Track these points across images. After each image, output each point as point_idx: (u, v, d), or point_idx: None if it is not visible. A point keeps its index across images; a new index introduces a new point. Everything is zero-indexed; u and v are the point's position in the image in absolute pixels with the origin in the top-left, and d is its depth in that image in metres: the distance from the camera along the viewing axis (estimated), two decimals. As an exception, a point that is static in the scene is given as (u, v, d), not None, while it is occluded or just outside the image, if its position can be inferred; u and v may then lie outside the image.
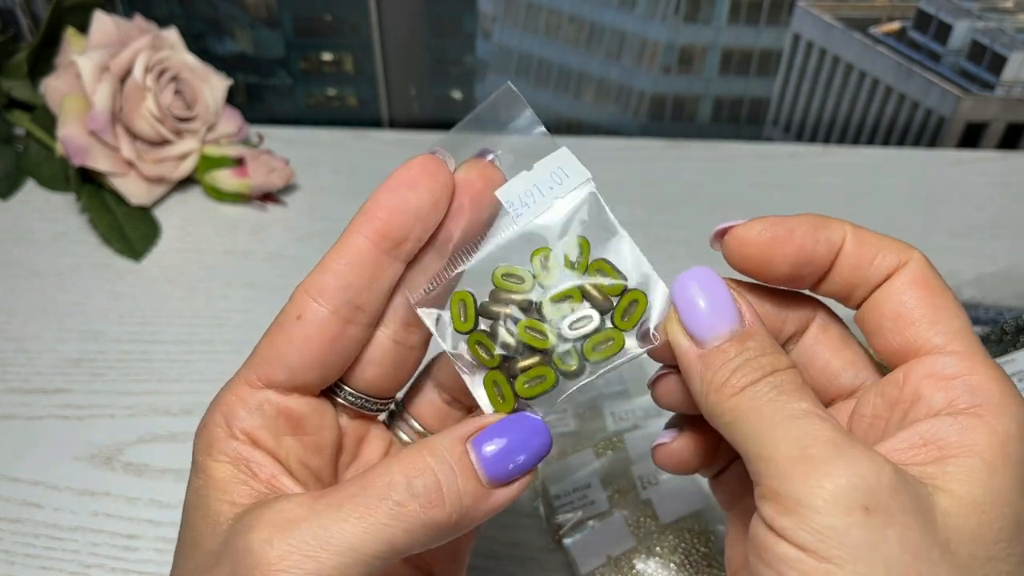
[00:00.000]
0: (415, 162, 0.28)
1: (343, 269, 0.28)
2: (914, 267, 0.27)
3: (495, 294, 0.28)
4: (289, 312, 0.28)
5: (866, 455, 0.23)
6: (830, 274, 0.28)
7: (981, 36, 0.69)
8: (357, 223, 0.28)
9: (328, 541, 0.25)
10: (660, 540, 0.44)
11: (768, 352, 0.26)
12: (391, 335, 0.30)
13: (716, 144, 0.72)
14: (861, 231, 0.28)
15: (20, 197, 0.66)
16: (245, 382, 0.29)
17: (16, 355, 0.55)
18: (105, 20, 0.63)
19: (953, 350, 0.26)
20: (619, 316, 0.28)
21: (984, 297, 0.55)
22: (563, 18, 0.71)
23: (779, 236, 0.28)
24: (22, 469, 0.49)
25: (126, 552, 0.46)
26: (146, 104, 0.62)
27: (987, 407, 0.25)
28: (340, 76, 0.75)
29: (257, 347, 0.29)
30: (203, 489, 0.28)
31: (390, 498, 0.25)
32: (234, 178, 0.64)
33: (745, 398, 0.25)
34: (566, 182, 0.29)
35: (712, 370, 0.26)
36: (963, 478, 0.24)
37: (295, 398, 0.29)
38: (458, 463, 0.27)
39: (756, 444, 0.24)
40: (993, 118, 0.73)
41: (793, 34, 0.71)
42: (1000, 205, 0.66)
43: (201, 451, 0.28)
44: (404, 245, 0.28)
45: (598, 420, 0.49)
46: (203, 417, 0.29)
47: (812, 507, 0.22)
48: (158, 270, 0.61)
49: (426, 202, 0.28)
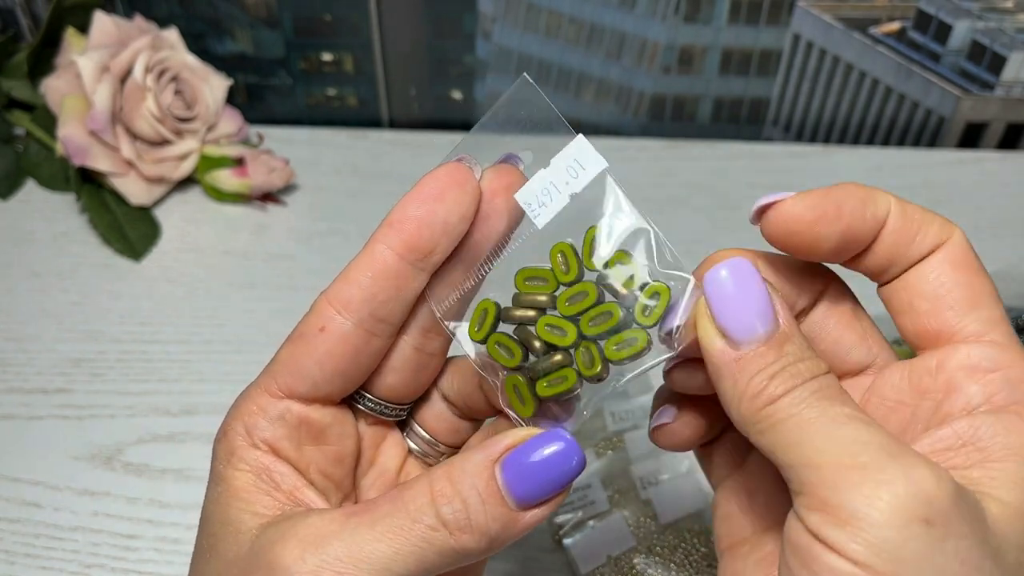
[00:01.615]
0: (443, 172, 0.27)
1: (368, 282, 0.27)
2: (955, 246, 0.26)
3: (518, 298, 0.28)
4: (311, 323, 0.28)
5: (922, 462, 0.22)
6: (871, 249, 0.27)
7: (981, 36, 0.69)
8: (383, 234, 0.27)
9: (361, 559, 0.25)
10: (660, 540, 0.44)
11: (806, 357, 0.24)
12: (412, 343, 0.29)
13: (716, 144, 0.72)
14: (905, 205, 0.26)
15: (20, 197, 0.66)
16: (266, 391, 0.28)
17: (16, 355, 0.55)
18: (105, 20, 0.63)
19: (992, 340, 0.25)
20: (640, 311, 0.26)
21: (984, 297, 0.55)
22: (563, 18, 0.71)
23: (828, 213, 0.26)
24: (22, 469, 0.49)
25: (126, 552, 0.46)
26: (146, 104, 0.62)
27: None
28: (340, 76, 0.75)
29: (277, 356, 0.28)
30: (223, 498, 0.27)
31: (423, 521, 0.25)
32: (234, 178, 0.64)
33: (783, 406, 0.23)
34: (582, 175, 0.27)
35: (748, 376, 0.24)
36: (1009, 484, 0.23)
37: (317, 408, 0.29)
38: (485, 490, 0.26)
39: (798, 453, 0.23)
40: (993, 118, 0.73)
41: (793, 34, 0.71)
42: (1000, 205, 0.66)
43: (221, 460, 0.28)
44: (431, 257, 0.27)
45: (598, 420, 0.49)
46: (221, 426, 0.29)
47: (868, 520, 0.21)
48: (158, 270, 0.61)
49: (454, 214, 0.27)
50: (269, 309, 0.58)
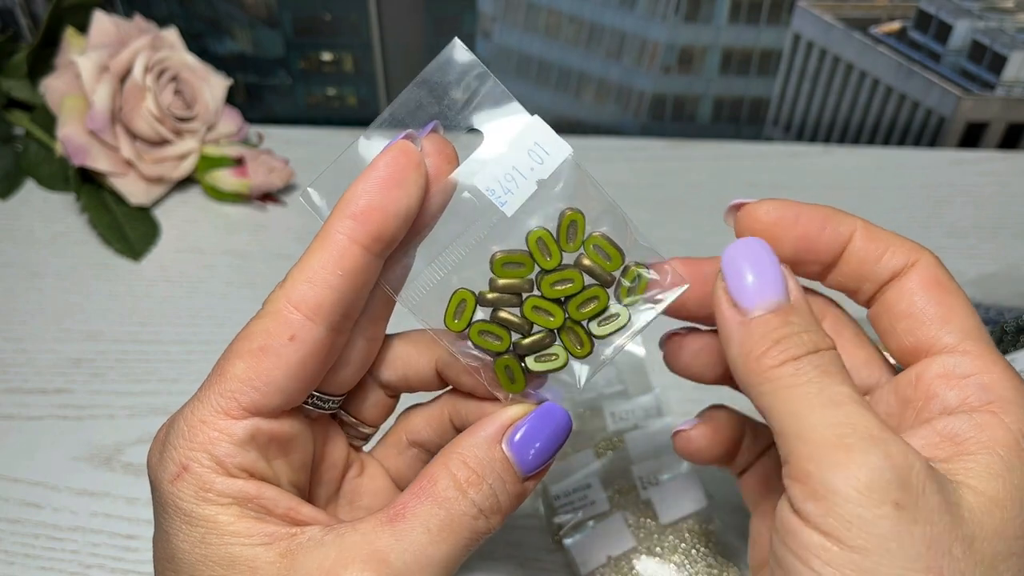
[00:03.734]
0: (401, 155, 0.26)
1: (339, 282, 0.26)
2: (925, 267, 0.28)
3: (495, 283, 0.28)
4: (275, 332, 0.26)
5: (901, 449, 0.23)
6: (837, 266, 0.29)
7: (981, 36, 0.69)
8: (346, 227, 0.26)
9: (427, 565, 0.25)
10: (660, 540, 0.44)
11: (811, 329, 0.25)
12: (364, 334, 0.29)
13: (716, 144, 0.72)
14: (873, 228, 0.28)
15: (20, 197, 0.66)
16: (223, 412, 0.26)
17: (16, 355, 0.55)
18: (105, 20, 0.63)
19: (965, 349, 0.26)
20: (624, 293, 0.28)
21: (984, 297, 0.55)
22: (563, 18, 0.71)
23: (785, 218, 0.28)
24: (22, 469, 0.49)
25: (126, 552, 0.46)
26: (146, 104, 0.62)
27: (1000, 404, 0.25)
28: (340, 76, 0.75)
29: (230, 371, 0.26)
30: (211, 538, 0.25)
31: (467, 513, 0.26)
32: (234, 178, 0.64)
33: (786, 373, 0.25)
34: (547, 160, 0.27)
35: (753, 338, 0.25)
36: (984, 475, 0.24)
37: (283, 420, 0.27)
38: (502, 468, 0.27)
39: (793, 423, 0.24)
40: (993, 118, 0.73)
41: (793, 34, 0.71)
42: (1000, 205, 0.66)
43: (189, 499, 0.26)
44: (392, 245, 0.27)
45: (598, 420, 0.49)
46: (166, 461, 0.26)
47: (843, 495, 0.22)
48: (158, 270, 0.61)
49: (415, 199, 0.26)
50: (269, 309, 0.58)
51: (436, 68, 0.27)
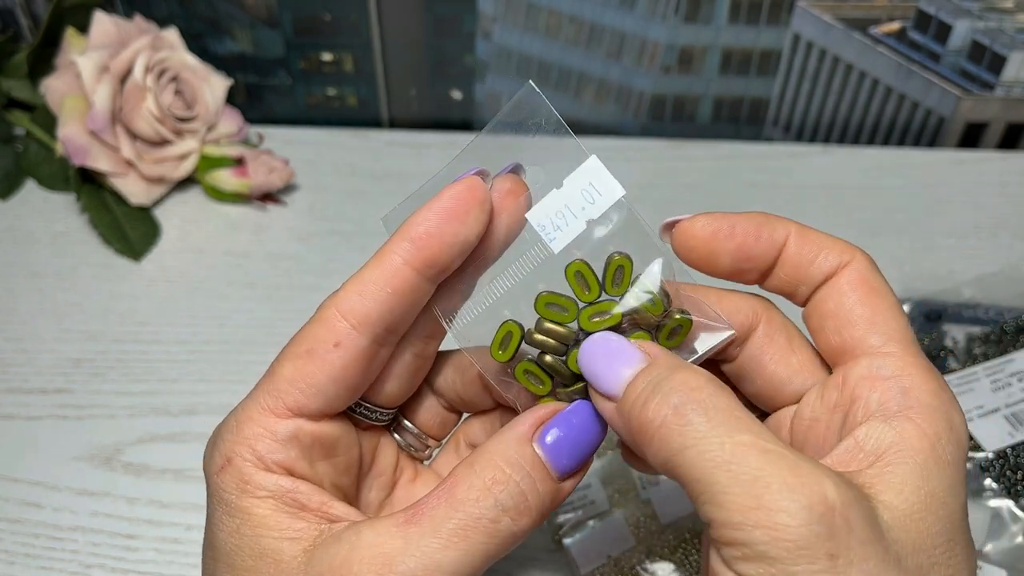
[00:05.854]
0: (464, 188, 0.27)
1: (386, 296, 0.27)
2: (856, 268, 0.28)
3: (541, 325, 0.28)
4: (322, 338, 0.27)
5: (818, 489, 0.22)
6: (774, 271, 0.28)
7: (981, 36, 0.69)
8: (403, 248, 0.27)
9: (435, 570, 0.25)
10: (660, 540, 0.44)
11: (679, 368, 0.25)
12: (413, 350, 0.30)
13: (716, 144, 0.72)
14: (806, 230, 0.28)
15: (20, 197, 0.66)
16: (269, 411, 0.27)
17: (16, 355, 0.55)
18: (105, 20, 0.63)
19: (889, 351, 0.26)
20: (664, 337, 0.28)
21: (984, 297, 0.55)
22: (563, 18, 0.71)
23: (721, 231, 0.28)
24: (22, 469, 0.49)
25: (126, 552, 0.46)
26: (146, 104, 0.62)
27: (918, 409, 0.25)
28: (340, 76, 0.75)
29: (279, 373, 0.28)
30: (247, 529, 0.26)
31: (485, 516, 0.26)
32: (234, 178, 0.64)
33: (675, 433, 0.24)
34: (599, 201, 0.28)
35: (633, 408, 0.25)
36: (897, 487, 0.23)
37: (326, 423, 0.28)
38: (532, 466, 0.27)
39: (705, 490, 0.23)
40: (993, 118, 0.73)
41: (793, 34, 0.71)
42: (1000, 205, 0.66)
43: (230, 490, 0.27)
44: (446, 272, 0.28)
45: (598, 420, 0.50)
46: (214, 454, 0.28)
47: (776, 557, 0.22)
48: (158, 270, 0.61)
49: (474, 234, 0.27)
50: (269, 309, 0.58)
51: (511, 108, 0.28)
